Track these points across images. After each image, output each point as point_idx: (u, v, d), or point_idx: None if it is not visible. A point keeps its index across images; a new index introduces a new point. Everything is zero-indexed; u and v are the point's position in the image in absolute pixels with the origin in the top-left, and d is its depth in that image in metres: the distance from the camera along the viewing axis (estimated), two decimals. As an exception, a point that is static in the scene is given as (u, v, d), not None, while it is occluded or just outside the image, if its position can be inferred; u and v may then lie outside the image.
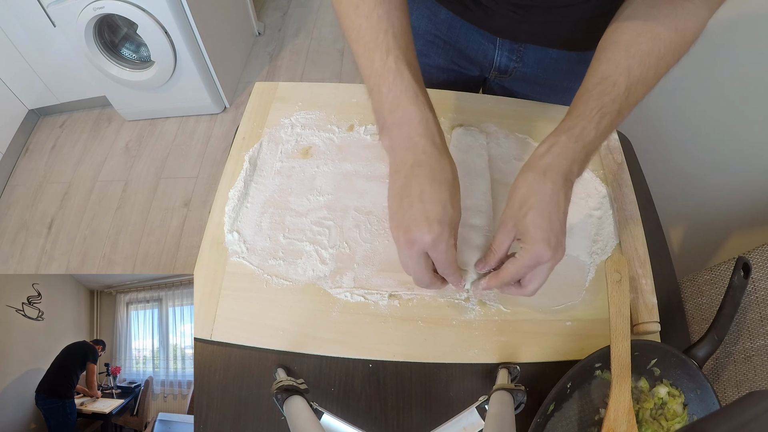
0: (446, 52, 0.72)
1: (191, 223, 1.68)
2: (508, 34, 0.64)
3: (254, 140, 0.67)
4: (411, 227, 0.40)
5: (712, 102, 0.92)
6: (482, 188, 0.59)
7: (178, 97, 1.87)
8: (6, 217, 1.72)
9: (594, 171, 0.66)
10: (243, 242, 0.57)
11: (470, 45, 0.68)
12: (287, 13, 2.52)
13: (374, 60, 0.43)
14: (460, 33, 0.68)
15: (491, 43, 0.67)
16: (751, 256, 0.56)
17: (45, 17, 1.55)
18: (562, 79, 0.69)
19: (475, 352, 0.51)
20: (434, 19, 0.68)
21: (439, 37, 0.70)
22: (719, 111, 0.91)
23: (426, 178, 0.41)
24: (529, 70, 0.69)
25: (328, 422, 0.42)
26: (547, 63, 0.67)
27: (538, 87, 0.71)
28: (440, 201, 0.41)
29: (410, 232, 0.40)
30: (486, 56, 0.69)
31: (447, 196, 0.41)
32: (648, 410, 0.48)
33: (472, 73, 0.74)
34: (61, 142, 1.94)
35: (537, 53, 0.66)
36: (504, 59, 0.68)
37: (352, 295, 0.54)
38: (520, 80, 0.71)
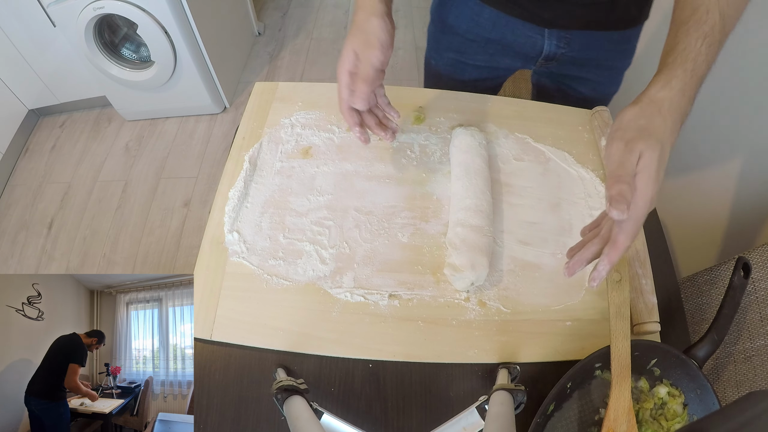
0: (486, 50, 0.74)
1: (191, 223, 1.68)
2: (557, 24, 0.68)
3: (254, 140, 0.67)
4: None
5: (712, 102, 0.92)
6: (482, 187, 0.59)
7: (178, 97, 1.87)
8: (6, 217, 1.72)
9: (594, 171, 0.66)
10: (243, 242, 0.57)
11: (517, 39, 0.71)
12: (287, 13, 2.52)
13: None
14: (506, 29, 0.70)
15: (539, 34, 0.70)
16: (751, 256, 0.56)
17: (45, 17, 1.55)
18: (606, 57, 0.73)
19: (475, 352, 0.51)
20: (477, 19, 0.71)
21: (481, 35, 0.73)
22: (719, 110, 0.91)
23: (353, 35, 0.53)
24: (576, 53, 0.72)
25: (328, 422, 0.42)
26: (591, 44, 0.71)
27: (584, 68, 0.75)
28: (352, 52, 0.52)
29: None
30: (534, 47, 0.72)
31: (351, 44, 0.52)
32: (648, 410, 0.48)
33: (514, 65, 0.77)
34: (61, 142, 1.94)
35: (583, 38, 0.70)
36: (552, 47, 0.71)
37: (352, 295, 0.54)
38: (566, 63, 0.74)
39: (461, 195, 0.58)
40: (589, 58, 0.73)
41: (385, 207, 0.61)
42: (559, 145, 0.69)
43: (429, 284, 0.55)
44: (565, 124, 0.71)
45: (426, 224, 0.60)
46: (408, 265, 0.56)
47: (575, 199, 0.63)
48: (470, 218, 0.56)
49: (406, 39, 2.38)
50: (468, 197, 0.58)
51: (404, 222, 0.60)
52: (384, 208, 0.61)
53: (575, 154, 0.68)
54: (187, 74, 1.76)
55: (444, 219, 0.60)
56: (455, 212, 0.58)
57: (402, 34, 2.41)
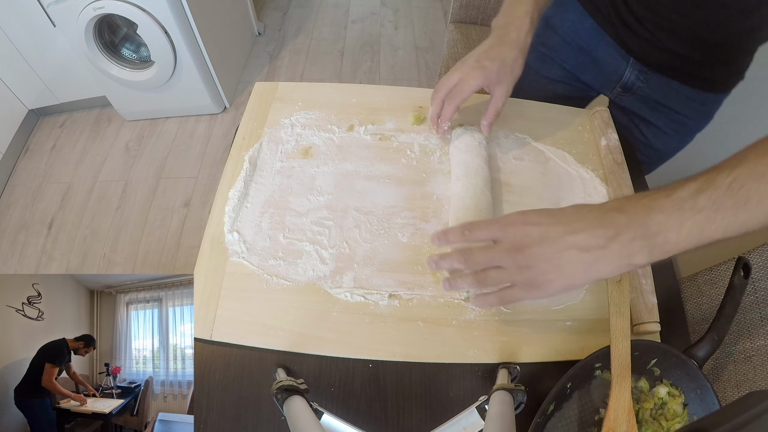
0: (577, 57, 0.77)
1: (191, 223, 1.68)
2: (641, 56, 0.70)
3: (254, 140, 0.67)
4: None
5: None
6: (481, 187, 0.59)
7: (178, 97, 1.87)
8: (6, 217, 1.72)
9: (594, 171, 0.66)
10: (243, 242, 0.57)
11: (605, 57, 0.74)
12: (287, 13, 2.52)
13: None
14: (599, 44, 0.73)
15: (624, 60, 0.72)
16: (751, 256, 0.56)
17: (45, 17, 1.55)
18: (680, 110, 0.72)
19: (475, 352, 0.51)
20: (578, 26, 0.75)
21: (576, 41, 0.76)
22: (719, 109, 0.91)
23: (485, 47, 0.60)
24: (652, 92, 0.72)
25: (328, 422, 0.42)
26: (669, 92, 0.71)
27: (656, 112, 0.74)
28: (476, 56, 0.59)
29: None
30: (616, 71, 0.74)
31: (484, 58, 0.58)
32: (648, 410, 0.48)
33: (593, 84, 0.78)
34: (61, 142, 1.94)
35: (661, 81, 0.70)
36: (633, 77, 0.72)
37: (352, 295, 0.54)
38: (640, 101, 0.75)
39: (461, 195, 0.58)
40: (663, 105, 0.73)
41: (385, 207, 0.61)
42: (559, 145, 0.69)
43: (429, 284, 0.55)
44: (565, 124, 0.71)
45: (426, 224, 0.60)
46: (408, 265, 0.56)
47: (575, 199, 0.63)
48: (470, 218, 0.56)
49: (406, 39, 2.38)
50: (468, 197, 0.58)
51: (404, 222, 0.60)
52: (384, 208, 0.61)
53: (575, 154, 0.68)
54: (187, 74, 1.76)
55: (444, 219, 0.60)
56: (455, 212, 0.58)
57: (402, 34, 2.41)
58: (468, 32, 1.48)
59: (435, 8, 2.58)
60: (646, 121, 0.76)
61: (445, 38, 1.55)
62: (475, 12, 1.50)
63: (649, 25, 0.64)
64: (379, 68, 2.23)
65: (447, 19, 1.64)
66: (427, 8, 2.57)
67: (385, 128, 0.69)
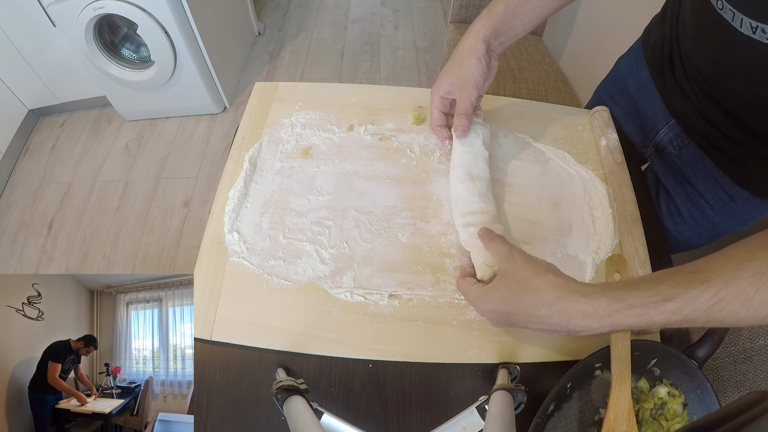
0: (627, 104, 0.75)
1: (191, 223, 1.69)
2: (682, 118, 0.65)
3: (254, 140, 0.67)
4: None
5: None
6: (485, 191, 0.58)
7: (178, 97, 1.87)
8: (6, 217, 1.72)
9: (594, 171, 0.66)
10: (243, 242, 0.57)
11: (648, 111, 0.71)
12: (287, 13, 2.52)
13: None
14: (646, 97, 0.71)
15: (664, 119, 0.68)
16: (751, 256, 0.56)
17: (45, 17, 1.55)
18: (705, 194, 0.65)
19: (475, 352, 0.51)
20: (635, 74, 0.73)
21: (629, 89, 0.74)
22: None
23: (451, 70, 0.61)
24: (682, 164, 0.67)
25: (328, 422, 0.42)
26: (699, 169, 0.65)
27: (679, 187, 0.69)
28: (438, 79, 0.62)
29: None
30: (654, 128, 0.70)
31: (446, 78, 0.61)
32: (648, 410, 0.48)
33: (633, 138, 0.75)
34: (61, 142, 1.94)
35: (695, 154, 0.65)
36: (666, 140, 0.69)
37: (352, 295, 0.54)
38: (668, 169, 0.70)
39: (467, 199, 0.57)
40: (688, 181, 0.67)
41: (385, 207, 0.61)
42: (559, 145, 0.69)
43: (429, 284, 0.55)
44: (565, 124, 0.71)
45: (426, 224, 0.60)
46: (408, 265, 0.56)
47: (575, 199, 0.63)
48: (479, 219, 0.55)
49: (407, 39, 2.38)
50: (474, 202, 0.56)
51: (404, 222, 0.60)
52: (384, 208, 0.61)
53: (575, 154, 0.68)
54: (187, 74, 1.76)
55: (444, 219, 0.60)
56: (461, 216, 0.56)
57: (402, 34, 2.41)
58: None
59: (435, 8, 2.58)
60: (667, 194, 0.70)
61: (445, 38, 1.55)
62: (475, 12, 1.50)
63: (696, 87, 0.59)
64: (379, 68, 2.23)
65: (447, 19, 1.65)
66: (427, 8, 2.57)
67: (385, 128, 0.69)
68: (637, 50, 0.74)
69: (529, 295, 0.41)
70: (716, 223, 0.66)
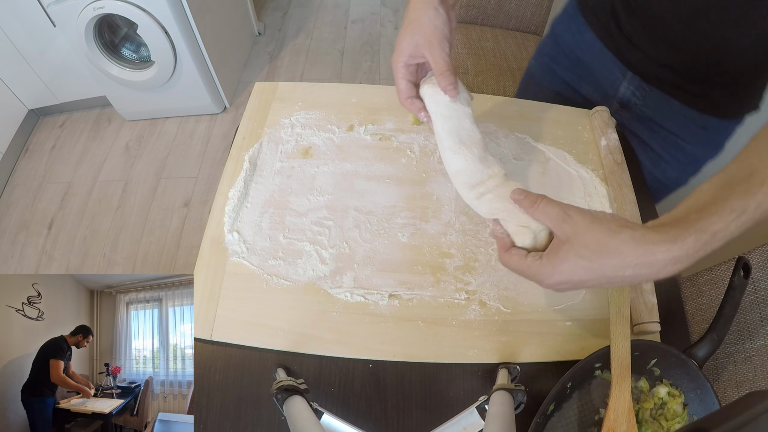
0: (575, 68, 0.76)
1: (191, 223, 1.69)
2: (639, 70, 0.67)
3: (254, 140, 0.67)
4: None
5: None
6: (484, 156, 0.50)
7: (178, 97, 1.87)
8: (6, 217, 1.72)
9: (594, 171, 0.66)
10: (243, 242, 0.57)
11: (602, 70, 0.72)
12: (287, 13, 2.52)
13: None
14: (597, 56, 0.71)
15: (621, 74, 0.69)
16: (751, 256, 0.57)
17: (45, 17, 1.55)
18: (678, 132, 0.69)
19: (475, 352, 0.51)
20: (578, 37, 0.73)
21: (575, 53, 0.75)
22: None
23: (402, 26, 0.53)
24: (649, 111, 0.69)
25: (328, 422, 0.42)
26: (667, 111, 0.67)
27: (654, 134, 0.71)
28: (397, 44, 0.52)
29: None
30: (613, 85, 0.71)
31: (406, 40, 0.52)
32: (648, 410, 0.48)
33: (593, 97, 0.76)
34: (61, 142, 1.94)
35: (660, 98, 0.67)
36: (629, 93, 0.70)
37: (352, 295, 0.54)
38: (637, 120, 0.72)
39: (469, 170, 0.49)
40: (661, 125, 0.70)
41: (385, 207, 0.61)
42: (559, 145, 0.69)
43: (429, 284, 0.55)
44: (565, 124, 0.71)
45: (426, 224, 0.60)
46: (408, 265, 0.56)
47: (575, 199, 0.63)
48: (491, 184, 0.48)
49: (406, 39, 2.38)
50: (477, 171, 0.49)
51: (404, 222, 0.60)
52: (384, 208, 0.61)
53: (575, 154, 0.68)
54: (187, 74, 1.76)
55: (444, 219, 0.60)
56: (470, 189, 0.49)
57: (402, 34, 2.41)
58: (468, 32, 1.48)
59: (435, 8, 2.57)
60: (644, 144, 0.73)
61: (445, 38, 1.54)
62: (475, 12, 1.50)
63: (648, 37, 0.62)
64: (379, 68, 2.23)
65: (447, 19, 1.64)
66: (427, 8, 2.57)
67: (385, 128, 0.69)
68: (572, 12, 0.74)
69: (609, 258, 0.36)
70: (695, 155, 0.70)
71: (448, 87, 0.49)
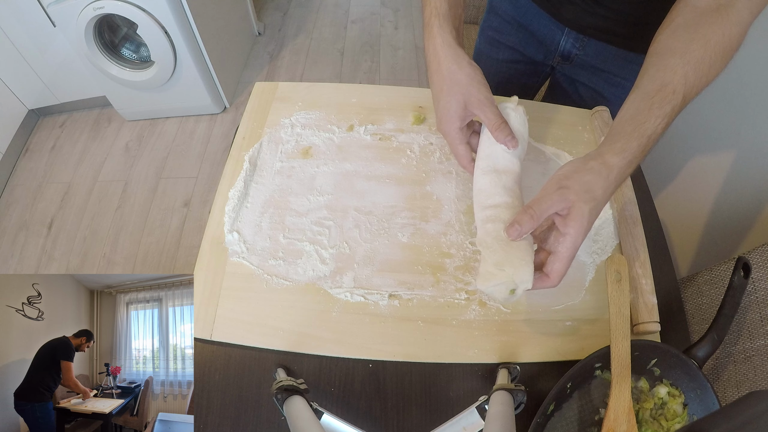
0: (519, 32, 0.80)
1: (191, 223, 1.68)
2: (575, 25, 0.72)
3: (254, 140, 0.67)
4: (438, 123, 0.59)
5: (713, 101, 0.92)
6: (511, 185, 0.53)
7: (178, 97, 1.87)
8: (6, 217, 1.72)
9: (594, 171, 0.66)
10: (243, 242, 0.57)
11: (541, 30, 0.77)
12: (287, 13, 2.52)
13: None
14: (534, 18, 0.76)
15: (559, 30, 0.75)
16: (751, 256, 0.56)
17: (45, 17, 1.55)
18: (619, 72, 0.75)
19: (475, 352, 0.51)
20: (515, 3, 0.78)
21: (515, 19, 0.79)
22: (719, 110, 0.91)
23: (438, 86, 0.56)
24: (590, 59, 0.75)
25: (328, 422, 0.42)
26: (606, 56, 0.73)
27: (595, 77, 0.77)
28: (446, 110, 0.56)
29: (438, 127, 0.59)
30: (553, 41, 0.77)
31: (453, 104, 0.54)
32: (648, 410, 0.48)
33: (537, 57, 0.82)
34: (61, 142, 1.94)
35: (598, 46, 0.73)
36: (568, 46, 0.75)
37: (352, 295, 0.54)
38: (580, 68, 0.78)
39: (489, 192, 0.52)
40: (602, 69, 0.75)
41: (385, 207, 0.61)
42: (559, 145, 0.69)
43: (429, 284, 0.55)
44: (565, 124, 0.71)
45: (426, 224, 0.60)
46: (408, 265, 0.56)
47: (575, 199, 0.63)
48: (502, 213, 0.49)
49: (407, 39, 2.38)
50: (497, 194, 0.51)
51: (404, 222, 0.60)
52: (384, 208, 0.61)
53: (575, 154, 0.68)
54: (187, 74, 1.76)
55: (444, 219, 0.60)
56: (481, 210, 0.52)
57: (402, 34, 2.41)
58: (468, 32, 1.48)
59: (435, 8, 2.57)
60: (587, 87, 0.79)
61: (445, 38, 1.54)
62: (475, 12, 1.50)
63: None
64: (379, 68, 2.23)
65: (447, 19, 1.64)
66: (427, 8, 2.57)
67: (385, 128, 0.69)
68: None
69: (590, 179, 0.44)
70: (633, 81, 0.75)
71: (507, 139, 0.54)
